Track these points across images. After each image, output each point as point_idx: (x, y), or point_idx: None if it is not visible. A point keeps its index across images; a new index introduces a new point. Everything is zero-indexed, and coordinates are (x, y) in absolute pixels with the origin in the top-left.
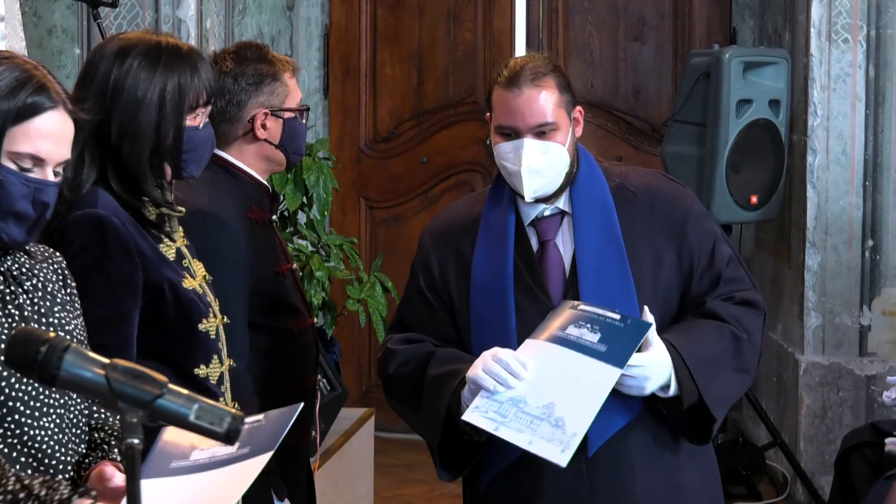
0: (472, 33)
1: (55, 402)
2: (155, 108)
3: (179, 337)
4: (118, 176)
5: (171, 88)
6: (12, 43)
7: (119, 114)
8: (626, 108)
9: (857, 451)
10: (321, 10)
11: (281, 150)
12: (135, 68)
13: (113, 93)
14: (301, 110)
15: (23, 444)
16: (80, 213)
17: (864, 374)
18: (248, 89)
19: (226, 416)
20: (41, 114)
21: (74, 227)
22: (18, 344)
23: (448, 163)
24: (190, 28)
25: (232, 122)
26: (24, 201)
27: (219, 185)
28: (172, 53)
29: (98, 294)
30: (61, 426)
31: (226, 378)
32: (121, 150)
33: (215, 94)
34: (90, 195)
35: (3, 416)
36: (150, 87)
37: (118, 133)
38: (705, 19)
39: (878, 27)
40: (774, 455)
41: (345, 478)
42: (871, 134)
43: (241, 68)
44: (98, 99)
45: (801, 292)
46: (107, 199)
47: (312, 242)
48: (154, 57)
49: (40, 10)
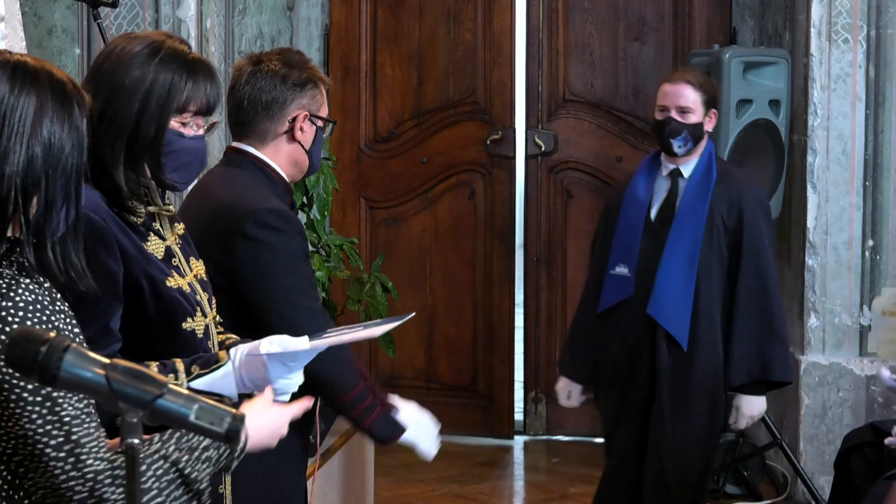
0: (472, 33)
1: None
2: (139, 99)
3: (162, 336)
4: (91, 161)
5: (160, 83)
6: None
7: (102, 97)
8: (626, 108)
9: (857, 452)
10: (321, 10)
11: (308, 156)
12: (131, 56)
13: (101, 75)
14: (331, 121)
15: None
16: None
17: (865, 374)
18: (294, 89)
19: (226, 416)
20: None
21: None
22: (18, 344)
23: (448, 163)
24: (190, 28)
25: (273, 119)
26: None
27: (261, 181)
28: (173, 54)
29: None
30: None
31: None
32: (97, 133)
33: (213, 110)
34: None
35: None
36: (140, 77)
37: (98, 115)
38: (705, 19)
39: (879, 27)
40: (774, 455)
41: (345, 478)
42: (871, 134)
43: (289, 70)
44: (90, 83)
45: (801, 292)
46: (90, 194)
47: (312, 243)
48: (154, 51)
49: (40, 10)
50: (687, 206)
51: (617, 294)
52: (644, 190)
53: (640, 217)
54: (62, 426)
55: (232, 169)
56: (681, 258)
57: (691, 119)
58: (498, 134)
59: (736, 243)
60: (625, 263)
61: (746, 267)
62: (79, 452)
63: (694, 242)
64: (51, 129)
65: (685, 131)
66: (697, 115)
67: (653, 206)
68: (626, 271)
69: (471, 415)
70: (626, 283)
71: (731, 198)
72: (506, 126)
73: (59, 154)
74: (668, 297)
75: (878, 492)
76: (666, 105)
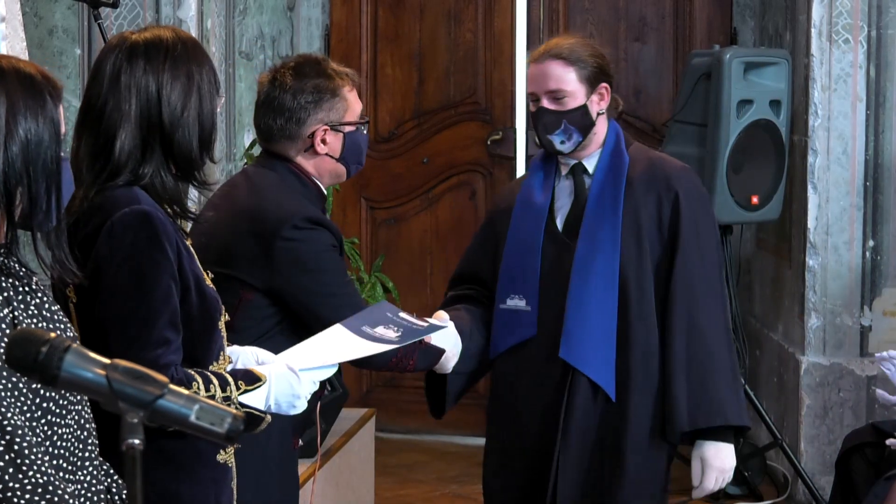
0: (473, 34)
1: (74, 398)
2: (195, 96)
3: (203, 334)
4: (173, 164)
5: (203, 74)
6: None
7: (168, 103)
8: (627, 108)
9: (858, 452)
10: (322, 10)
11: (342, 163)
12: (167, 62)
13: (154, 87)
14: (361, 123)
15: (53, 445)
16: (128, 210)
17: (865, 375)
18: (307, 107)
19: (226, 417)
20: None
21: (122, 223)
22: (19, 344)
23: (449, 163)
24: (191, 28)
25: (293, 138)
26: None
27: (295, 189)
28: (193, 44)
29: (151, 285)
30: (80, 423)
31: None
32: (173, 137)
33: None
34: (128, 194)
35: (39, 417)
36: (187, 76)
37: (169, 122)
38: (706, 20)
39: (879, 27)
40: (775, 455)
41: (345, 478)
42: (871, 134)
43: (301, 84)
44: (140, 96)
45: (801, 293)
46: (146, 196)
47: None
48: (175, 47)
49: (41, 10)
50: (596, 209)
51: (512, 335)
52: (541, 194)
53: (536, 230)
54: (3, 435)
55: (264, 171)
56: (596, 278)
57: (569, 104)
58: (499, 134)
59: (672, 245)
60: (520, 293)
61: (683, 278)
62: (20, 463)
63: (611, 253)
64: (25, 126)
65: (564, 122)
66: (577, 97)
67: (557, 215)
68: (524, 303)
69: (471, 415)
70: (525, 319)
71: (658, 187)
72: (506, 126)
73: (37, 149)
74: (586, 332)
75: (878, 492)
76: (535, 92)
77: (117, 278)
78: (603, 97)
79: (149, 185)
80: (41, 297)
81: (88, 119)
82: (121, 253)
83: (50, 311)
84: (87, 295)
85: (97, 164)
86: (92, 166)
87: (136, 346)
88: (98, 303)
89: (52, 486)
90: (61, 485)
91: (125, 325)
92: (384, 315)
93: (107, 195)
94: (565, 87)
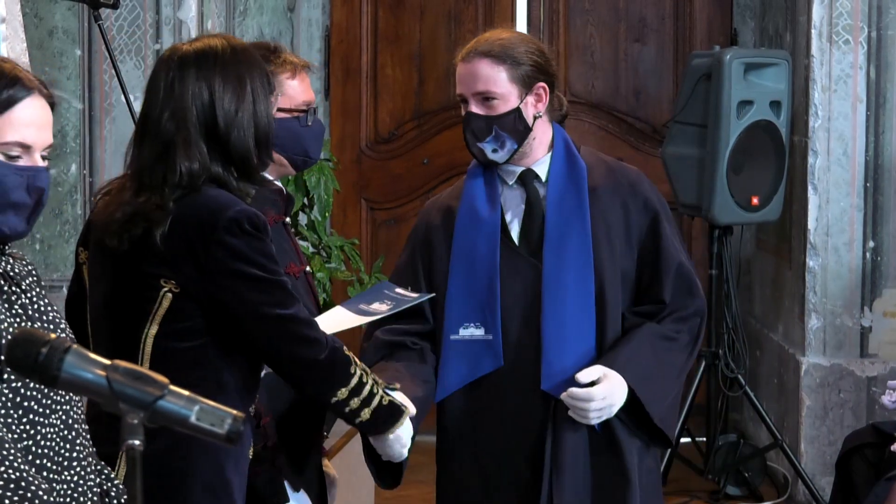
0: (473, 34)
1: (61, 398)
2: (249, 97)
3: None
4: (231, 167)
5: (255, 74)
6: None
7: (222, 106)
8: (627, 109)
9: (858, 453)
10: (322, 11)
11: (279, 152)
12: (218, 67)
13: (207, 93)
14: (297, 111)
15: (36, 444)
16: (240, 208)
17: (865, 376)
18: None
19: (227, 418)
20: (19, 102)
21: (236, 222)
22: (19, 345)
23: (449, 164)
24: (191, 29)
25: None
26: (19, 190)
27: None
28: (244, 49)
29: (271, 271)
30: (67, 423)
31: None
32: (229, 139)
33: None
34: (224, 194)
35: (21, 416)
36: (238, 79)
37: (224, 124)
38: (706, 20)
39: (879, 28)
40: (775, 456)
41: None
42: (871, 135)
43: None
44: (196, 103)
45: (802, 293)
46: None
47: (313, 244)
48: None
49: (41, 11)
50: (559, 220)
51: (471, 369)
52: (486, 205)
53: (491, 247)
54: None
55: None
56: (570, 297)
57: (500, 108)
58: None
59: (649, 258)
60: (477, 321)
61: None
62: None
63: (583, 269)
64: None
65: (494, 127)
66: (509, 99)
67: (510, 228)
68: (482, 332)
69: None
70: (487, 348)
71: (623, 194)
72: None
73: None
74: (567, 359)
75: (879, 493)
76: (462, 94)
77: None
78: (540, 98)
79: (225, 185)
80: (29, 296)
81: (147, 129)
82: (232, 246)
83: (39, 310)
84: (197, 285)
85: (158, 170)
86: (152, 172)
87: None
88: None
89: (25, 482)
90: (35, 481)
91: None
92: (381, 293)
93: (200, 196)
94: (494, 89)
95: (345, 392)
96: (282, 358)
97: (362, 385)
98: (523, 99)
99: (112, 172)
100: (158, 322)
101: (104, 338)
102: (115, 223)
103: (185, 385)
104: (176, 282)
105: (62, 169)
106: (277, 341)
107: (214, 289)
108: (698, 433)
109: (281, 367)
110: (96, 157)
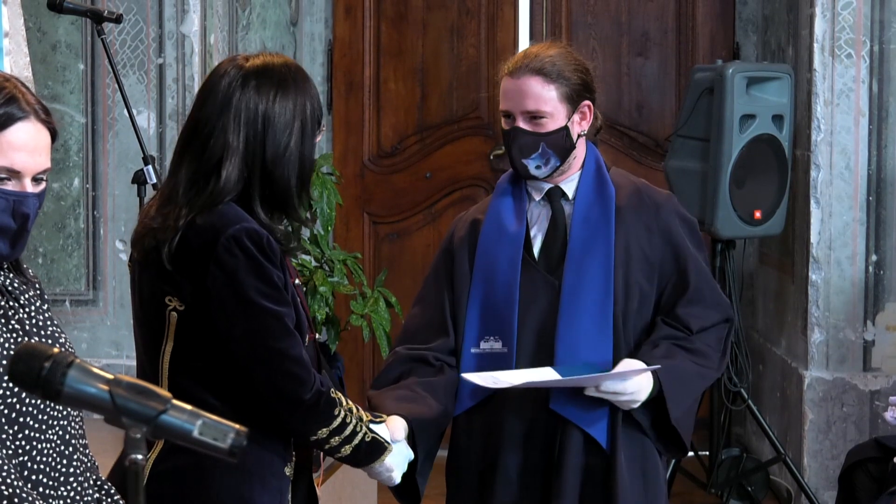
0: (476, 48)
1: (58, 413)
2: (298, 132)
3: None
4: (266, 199)
5: (309, 109)
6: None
7: (273, 139)
8: (630, 123)
9: (861, 467)
10: (325, 25)
11: None
12: (278, 94)
13: (261, 119)
14: None
15: (31, 460)
16: (241, 226)
17: (868, 390)
18: None
19: (229, 432)
20: (13, 125)
21: (235, 239)
22: (22, 360)
23: (452, 178)
24: (194, 44)
25: None
26: (3, 214)
27: None
28: (298, 72)
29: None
30: (65, 438)
31: None
32: (273, 173)
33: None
34: (234, 210)
35: (16, 432)
36: (294, 111)
37: (272, 158)
38: (708, 35)
39: (882, 42)
40: (778, 470)
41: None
42: (874, 149)
43: None
44: (247, 128)
45: (804, 307)
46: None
47: (316, 258)
48: (286, 79)
49: (44, 25)
50: (583, 239)
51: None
52: (514, 220)
53: (513, 261)
54: None
55: None
56: (587, 317)
57: (549, 126)
58: (501, 149)
59: (669, 283)
60: (496, 334)
61: (698, 318)
62: None
63: (603, 290)
64: None
65: (542, 145)
66: (558, 118)
67: (533, 244)
68: (500, 345)
69: None
70: (501, 364)
71: (647, 217)
72: None
73: None
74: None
75: None
76: (509, 110)
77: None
78: (585, 116)
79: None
80: (28, 311)
81: (194, 142)
82: (232, 266)
83: (37, 325)
84: (200, 305)
85: (195, 187)
86: (189, 189)
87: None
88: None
89: (19, 498)
90: (29, 498)
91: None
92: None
93: (212, 213)
94: (545, 108)
95: (325, 431)
96: (265, 390)
97: (345, 425)
98: (570, 118)
99: (115, 186)
100: (172, 339)
101: (140, 351)
102: (137, 235)
103: (199, 405)
104: (179, 299)
105: (65, 183)
106: (263, 373)
107: (209, 309)
108: (701, 447)
109: (263, 398)
110: (99, 171)
